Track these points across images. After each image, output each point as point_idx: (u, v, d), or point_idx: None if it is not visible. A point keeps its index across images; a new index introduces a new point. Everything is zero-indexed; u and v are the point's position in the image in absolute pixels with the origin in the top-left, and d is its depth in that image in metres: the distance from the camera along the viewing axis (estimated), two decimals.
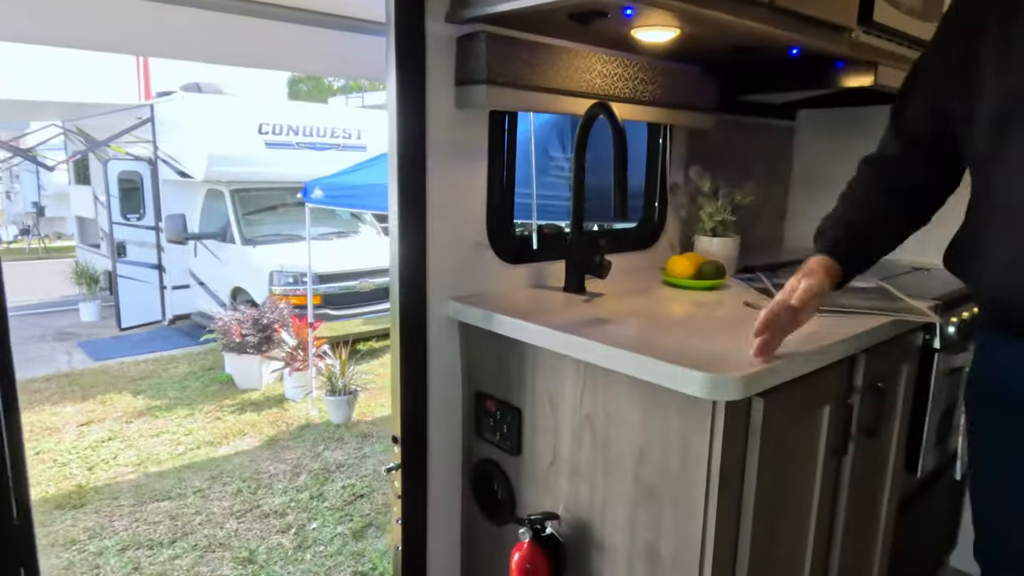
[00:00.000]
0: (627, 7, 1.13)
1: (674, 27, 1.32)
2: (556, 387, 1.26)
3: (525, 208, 2.18)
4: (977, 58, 1.08)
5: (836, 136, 2.24)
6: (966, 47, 1.10)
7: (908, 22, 1.73)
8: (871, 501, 1.49)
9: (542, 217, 2.50)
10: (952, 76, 1.13)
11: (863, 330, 1.26)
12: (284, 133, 6.96)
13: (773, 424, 1.07)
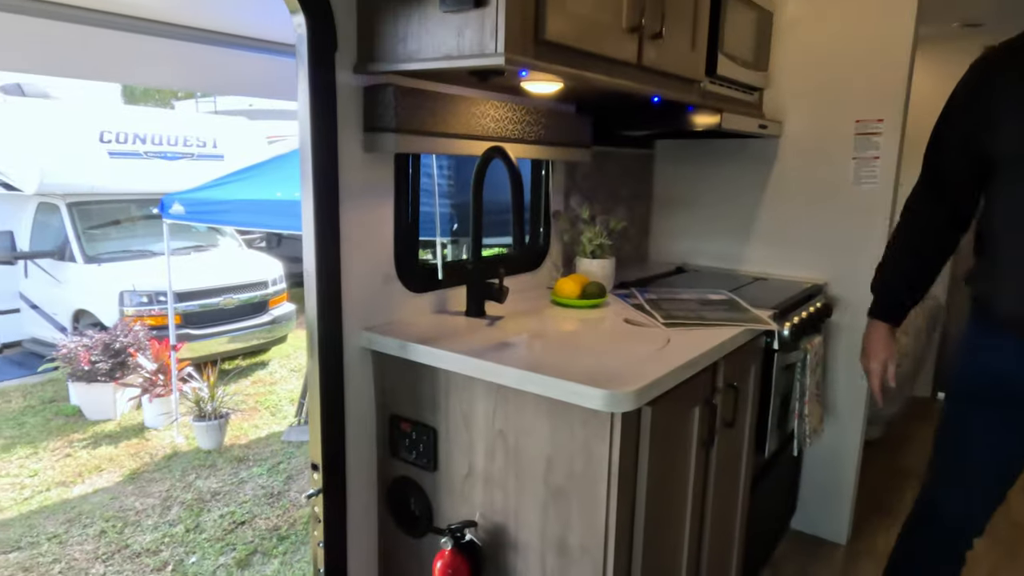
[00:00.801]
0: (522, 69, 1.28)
1: (559, 82, 1.50)
2: (469, 407, 1.39)
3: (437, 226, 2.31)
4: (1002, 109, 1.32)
5: (688, 163, 2.56)
6: (990, 103, 1.35)
7: (743, 72, 2.05)
8: (732, 480, 1.76)
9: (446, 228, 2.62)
10: (980, 126, 1.36)
11: (722, 340, 1.51)
12: (130, 142, 6.46)
13: (658, 427, 1.28)
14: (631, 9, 1.44)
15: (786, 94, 2.32)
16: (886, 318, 1.62)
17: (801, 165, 2.33)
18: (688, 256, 2.61)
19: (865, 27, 2.16)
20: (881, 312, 1.63)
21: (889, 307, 1.62)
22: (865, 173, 2.20)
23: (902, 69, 2.12)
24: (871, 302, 1.66)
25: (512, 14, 1.18)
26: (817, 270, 2.33)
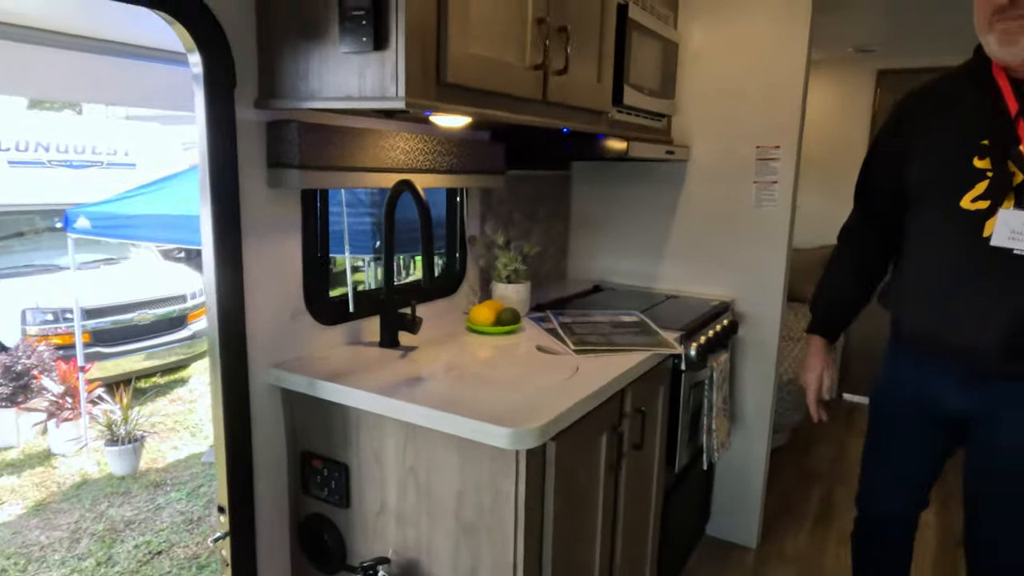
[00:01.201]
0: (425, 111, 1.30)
1: (465, 117, 1.52)
2: (380, 444, 1.39)
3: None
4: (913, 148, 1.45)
5: (603, 183, 2.63)
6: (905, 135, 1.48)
7: (650, 101, 2.13)
8: (642, 498, 1.82)
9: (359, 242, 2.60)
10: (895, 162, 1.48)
11: (629, 367, 1.57)
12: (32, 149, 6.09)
13: (563, 460, 1.31)
14: (534, 49, 1.48)
15: (693, 121, 2.42)
16: (822, 333, 1.71)
17: (708, 188, 2.44)
18: (605, 274, 2.68)
19: (762, 59, 2.28)
20: (817, 328, 1.72)
21: (825, 324, 1.71)
22: (765, 196, 2.32)
23: (796, 99, 2.25)
24: (810, 319, 1.76)
25: (412, 57, 1.19)
26: (725, 287, 2.44)
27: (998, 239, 1.30)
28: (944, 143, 1.40)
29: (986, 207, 1.32)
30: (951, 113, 1.41)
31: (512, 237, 2.26)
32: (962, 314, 1.38)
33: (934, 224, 1.43)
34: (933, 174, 1.41)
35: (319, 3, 1.25)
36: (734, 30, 2.31)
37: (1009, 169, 1.30)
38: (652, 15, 2.10)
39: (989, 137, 1.32)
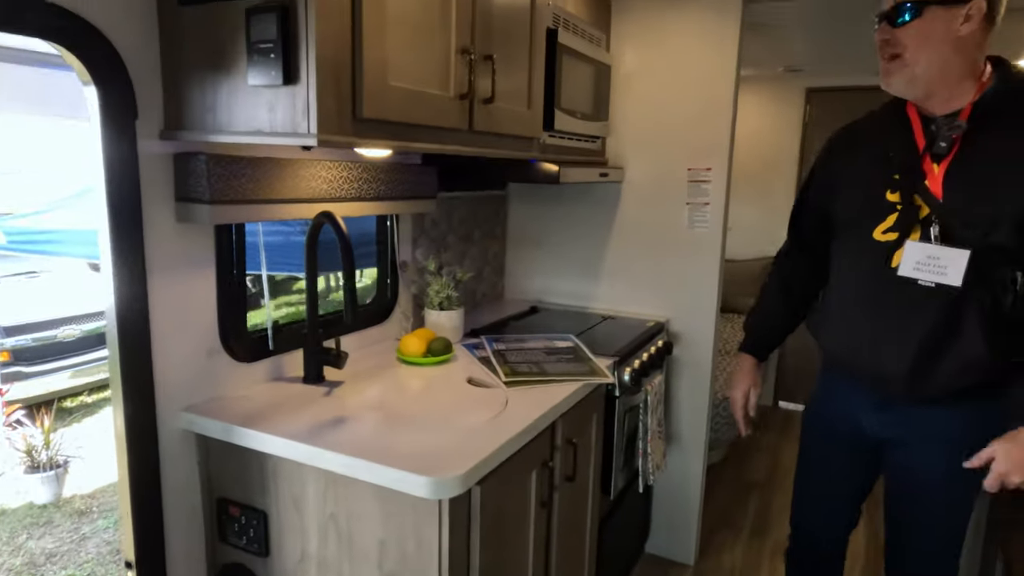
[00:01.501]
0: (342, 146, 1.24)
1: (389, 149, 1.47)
2: (300, 491, 1.33)
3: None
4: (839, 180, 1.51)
5: (539, 203, 2.62)
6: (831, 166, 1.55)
7: (583, 124, 2.12)
8: (577, 528, 1.81)
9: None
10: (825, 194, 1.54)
11: (559, 400, 1.55)
12: None
13: (490, 504, 1.28)
14: (458, 79, 1.45)
15: (627, 142, 2.43)
16: (752, 353, 1.75)
17: (642, 209, 2.45)
18: (542, 294, 2.67)
19: (693, 82, 2.30)
20: (747, 348, 1.76)
21: (755, 345, 1.76)
22: (698, 217, 2.34)
23: (726, 122, 2.29)
24: (742, 338, 1.80)
25: (325, 91, 1.14)
26: (660, 307, 2.46)
27: (904, 270, 1.35)
28: (865, 176, 1.45)
29: (895, 239, 1.37)
30: (875, 147, 1.45)
31: (446, 260, 2.22)
32: (873, 341, 1.42)
33: (852, 254, 1.48)
34: (853, 205, 1.47)
35: (226, 34, 1.19)
36: (665, 53, 2.33)
37: (916, 203, 1.35)
38: (583, 38, 2.09)
39: (901, 172, 1.37)
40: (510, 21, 1.65)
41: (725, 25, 2.25)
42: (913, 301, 1.35)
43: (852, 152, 1.52)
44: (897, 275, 1.35)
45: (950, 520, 1.46)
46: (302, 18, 1.11)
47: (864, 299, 1.44)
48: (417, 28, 1.32)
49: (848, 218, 1.48)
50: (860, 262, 1.45)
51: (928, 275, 1.32)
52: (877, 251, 1.39)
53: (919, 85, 1.33)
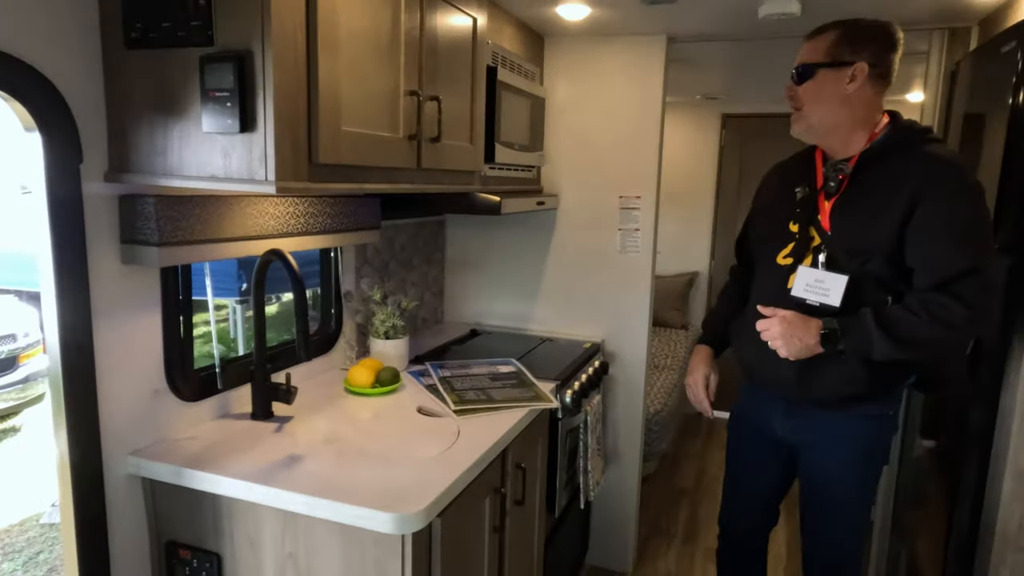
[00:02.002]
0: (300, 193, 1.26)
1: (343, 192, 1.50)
2: (256, 530, 1.33)
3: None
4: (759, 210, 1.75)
5: (478, 228, 2.68)
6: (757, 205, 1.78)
7: (520, 156, 2.20)
8: (526, 549, 1.87)
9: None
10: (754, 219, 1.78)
11: (509, 427, 1.61)
12: None
13: (449, 534, 1.32)
14: (407, 121, 1.49)
15: (561, 171, 2.53)
16: (709, 344, 1.87)
17: (577, 234, 2.55)
18: (482, 317, 2.73)
19: (621, 114, 2.43)
20: (707, 340, 1.88)
21: (713, 338, 1.87)
22: (629, 243, 2.47)
23: (653, 152, 2.43)
24: (701, 334, 1.93)
25: (282, 140, 1.16)
26: (595, 329, 2.57)
27: (796, 291, 1.53)
28: (775, 208, 1.66)
29: (791, 263, 1.56)
30: (787, 183, 1.65)
31: (389, 289, 2.24)
32: (766, 352, 1.57)
33: (761, 275, 1.69)
34: (764, 233, 1.70)
35: (177, 80, 1.19)
36: (596, 86, 2.45)
37: (810, 233, 1.55)
38: (519, 74, 2.17)
39: (801, 206, 1.58)
40: (454, 61, 1.71)
41: (651, 61, 2.39)
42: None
43: (772, 186, 1.74)
44: (791, 295, 1.54)
45: (855, 512, 1.65)
46: (259, 68, 1.13)
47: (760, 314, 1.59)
48: (368, 73, 1.36)
49: (760, 244, 1.71)
50: (766, 283, 1.64)
51: (814, 296, 1.51)
52: (779, 273, 1.59)
53: (815, 133, 1.55)
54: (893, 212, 1.42)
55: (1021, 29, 1.59)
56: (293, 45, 1.17)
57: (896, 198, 1.42)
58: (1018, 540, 1.60)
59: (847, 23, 1.48)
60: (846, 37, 1.47)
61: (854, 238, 1.48)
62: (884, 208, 1.44)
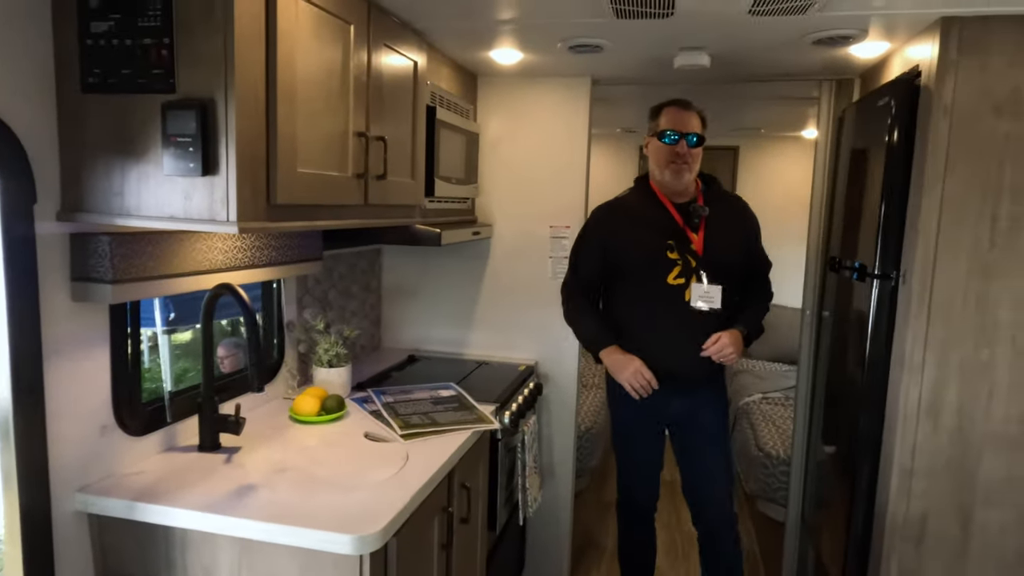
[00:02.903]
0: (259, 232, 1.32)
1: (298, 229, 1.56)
2: (211, 561, 1.36)
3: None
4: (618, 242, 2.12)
5: (414, 256, 2.76)
6: (605, 232, 2.15)
7: (457, 189, 2.32)
8: (470, 564, 1.95)
9: None
10: (600, 246, 2.15)
11: (455, 449, 1.70)
12: None
13: (403, 554, 1.39)
14: (356, 160, 1.58)
15: (495, 202, 2.66)
16: (609, 343, 2.13)
17: (510, 261, 2.68)
18: (419, 343, 2.80)
19: (550, 150, 2.60)
20: (607, 341, 2.14)
21: (605, 339, 2.14)
22: (559, 269, 2.61)
23: (580, 186, 2.60)
24: (593, 348, 2.18)
25: (243, 183, 1.23)
26: (529, 352, 2.69)
27: (694, 302, 2.04)
28: (645, 241, 2.09)
29: (683, 282, 2.05)
30: (643, 221, 2.11)
31: (330, 318, 2.29)
32: (675, 348, 2.07)
33: (650, 293, 2.08)
34: (641, 261, 2.09)
35: (137, 124, 1.24)
36: (526, 123, 2.60)
37: (687, 258, 2.06)
38: (456, 112, 2.29)
39: (672, 239, 2.07)
40: (397, 102, 1.81)
41: (577, 101, 2.57)
42: (696, 320, 2.04)
43: (623, 224, 2.15)
44: (689, 306, 2.04)
45: (723, 454, 2.21)
46: (222, 115, 1.20)
47: (667, 324, 2.07)
48: (321, 117, 1.45)
49: (637, 268, 2.10)
50: (660, 298, 2.07)
51: (705, 304, 2.04)
52: (674, 291, 2.05)
53: (690, 182, 2.09)
54: (740, 236, 2.15)
55: (893, 86, 1.85)
56: (254, 94, 1.24)
57: (737, 227, 2.16)
58: (904, 531, 1.82)
59: (696, 106, 2.09)
60: (703, 118, 2.08)
61: (721, 258, 2.07)
62: (734, 235, 2.14)
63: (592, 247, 2.18)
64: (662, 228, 2.07)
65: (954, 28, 1.65)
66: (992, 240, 1.68)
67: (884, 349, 1.87)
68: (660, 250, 2.06)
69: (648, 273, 2.07)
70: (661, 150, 2.05)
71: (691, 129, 2.03)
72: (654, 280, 2.06)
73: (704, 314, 2.03)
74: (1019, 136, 1.65)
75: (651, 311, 2.08)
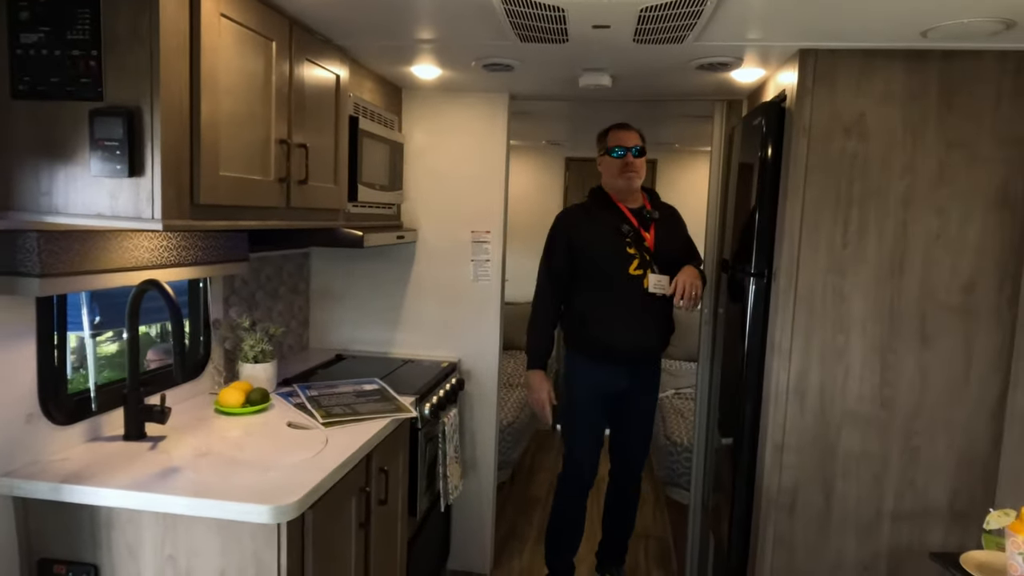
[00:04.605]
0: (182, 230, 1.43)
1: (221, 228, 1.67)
2: (135, 538, 1.45)
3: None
4: (585, 243, 2.46)
5: (342, 260, 2.88)
6: (571, 235, 2.49)
7: (381, 195, 2.46)
8: (390, 547, 2.07)
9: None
10: (567, 246, 2.48)
11: (372, 434, 1.83)
12: None
13: (319, 526, 1.52)
14: (278, 165, 1.70)
15: (420, 208, 2.81)
16: (540, 367, 2.55)
17: (434, 265, 2.84)
18: (347, 343, 2.91)
19: (471, 160, 2.77)
20: (535, 364, 2.56)
21: (539, 359, 2.57)
22: (481, 272, 2.78)
23: (499, 193, 2.78)
24: (527, 360, 2.56)
25: (168, 184, 1.34)
26: (452, 350, 2.84)
27: (651, 288, 2.43)
28: (608, 240, 2.45)
29: (642, 273, 2.44)
30: (602, 222, 2.47)
31: (256, 317, 2.38)
32: (637, 327, 2.48)
33: (614, 284, 2.44)
34: (607, 254, 2.45)
35: (64, 129, 1.33)
36: (448, 134, 2.77)
37: (643, 253, 2.44)
38: (379, 123, 2.44)
39: (629, 238, 2.44)
40: (320, 112, 1.94)
41: (496, 115, 2.75)
42: (654, 305, 2.45)
43: (585, 226, 2.51)
44: (648, 292, 2.43)
45: (650, 427, 2.69)
46: (148, 122, 1.31)
47: (628, 308, 2.45)
48: (243, 125, 1.57)
49: (601, 262, 2.46)
50: (622, 287, 2.44)
51: (659, 290, 2.44)
52: (635, 280, 2.44)
53: (638, 188, 2.50)
54: (679, 235, 2.60)
55: (764, 108, 2.10)
56: (179, 102, 1.36)
57: (676, 228, 2.61)
58: (779, 500, 2.05)
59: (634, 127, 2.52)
60: (641, 135, 2.49)
61: (669, 252, 2.49)
62: (676, 233, 2.58)
63: (561, 244, 2.51)
64: (620, 228, 2.46)
65: (810, 59, 1.90)
66: (844, 242, 1.94)
67: (761, 340, 2.11)
68: (621, 246, 2.44)
69: (612, 265, 2.44)
70: (613, 164, 2.46)
71: (634, 143, 2.46)
72: (617, 271, 2.43)
73: (658, 298, 2.44)
74: (864, 155, 1.91)
75: (614, 299, 2.46)
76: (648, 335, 2.50)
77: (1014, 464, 1.86)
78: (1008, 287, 1.89)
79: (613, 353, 2.49)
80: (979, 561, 1.55)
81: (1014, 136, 1.85)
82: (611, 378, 2.52)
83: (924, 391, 1.96)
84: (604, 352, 2.50)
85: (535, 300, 2.58)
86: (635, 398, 2.59)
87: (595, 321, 2.47)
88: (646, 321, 2.48)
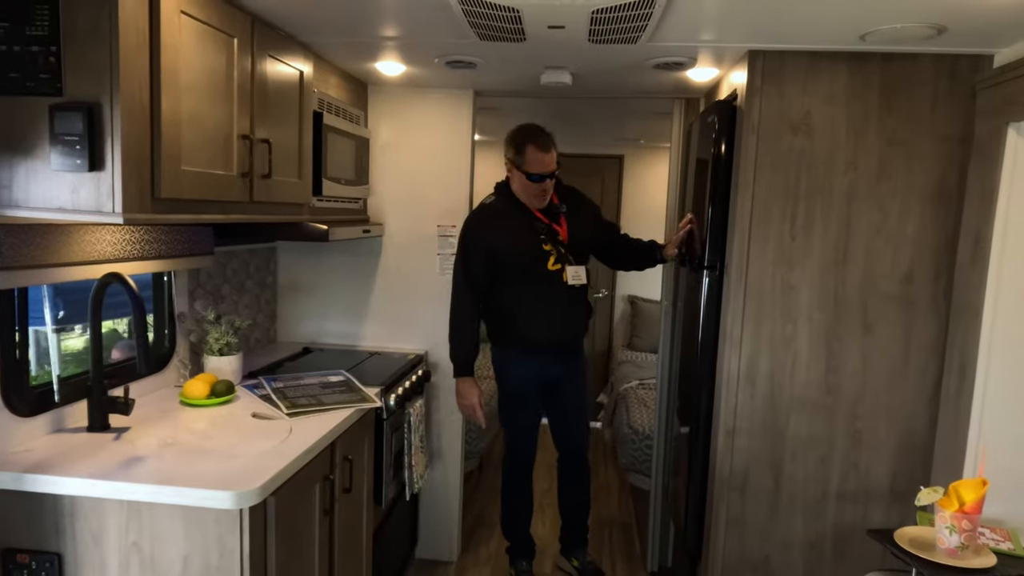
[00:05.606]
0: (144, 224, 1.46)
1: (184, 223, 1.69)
2: (99, 526, 1.47)
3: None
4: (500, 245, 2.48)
5: (309, 254, 2.90)
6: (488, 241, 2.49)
7: (346, 189, 2.49)
8: (355, 535, 2.12)
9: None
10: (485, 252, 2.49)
11: (337, 423, 1.87)
12: None
13: (282, 512, 1.56)
14: (240, 160, 1.73)
15: (385, 202, 2.85)
16: (468, 373, 2.58)
17: (401, 258, 2.88)
18: (315, 336, 2.94)
19: (436, 155, 2.82)
20: (463, 371, 2.58)
21: (467, 366, 2.58)
22: (447, 265, 2.83)
23: (464, 188, 2.83)
24: (455, 368, 2.47)
25: (129, 178, 1.36)
26: (419, 342, 2.89)
27: (570, 280, 2.51)
28: (524, 239, 2.49)
29: (560, 267, 2.50)
30: (515, 223, 2.50)
31: (222, 310, 2.40)
32: (562, 322, 2.57)
33: (534, 281, 2.50)
34: (523, 255, 2.50)
35: (24, 123, 1.35)
36: (414, 129, 2.81)
37: (558, 248, 2.50)
38: (344, 118, 2.47)
39: (543, 235, 2.50)
40: (283, 107, 1.97)
41: (461, 111, 2.80)
42: (573, 296, 2.55)
43: (499, 228, 2.51)
44: (568, 284, 2.50)
45: (584, 408, 2.79)
46: (108, 117, 1.33)
47: (552, 302, 2.53)
48: (205, 120, 1.60)
49: (521, 263, 2.50)
50: (544, 283, 2.50)
51: (577, 281, 2.53)
52: (555, 275, 2.50)
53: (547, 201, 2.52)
54: (591, 219, 2.66)
55: (717, 107, 2.18)
56: (139, 98, 1.38)
57: (587, 213, 2.65)
58: (730, 481, 2.14)
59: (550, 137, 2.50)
60: (555, 147, 2.47)
61: (582, 242, 2.58)
62: (587, 219, 2.64)
63: (478, 250, 2.52)
64: (533, 227, 2.50)
65: (759, 60, 1.99)
66: (792, 235, 2.03)
67: (714, 330, 2.20)
68: (537, 244, 2.49)
69: (532, 265, 2.49)
70: (529, 186, 2.45)
71: (551, 168, 2.43)
72: (536, 270, 2.49)
73: (577, 288, 2.54)
74: (810, 151, 2.00)
75: (538, 294, 2.52)
76: (574, 324, 2.63)
77: (948, 446, 1.97)
78: (943, 278, 2.00)
79: (543, 345, 2.58)
80: (911, 536, 1.65)
81: (949, 135, 1.96)
82: (543, 368, 2.61)
83: (866, 377, 2.06)
84: (534, 345, 2.58)
85: (454, 307, 2.57)
86: (566, 383, 2.68)
87: (523, 317, 2.54)
88: (569, 311, 2.58)
